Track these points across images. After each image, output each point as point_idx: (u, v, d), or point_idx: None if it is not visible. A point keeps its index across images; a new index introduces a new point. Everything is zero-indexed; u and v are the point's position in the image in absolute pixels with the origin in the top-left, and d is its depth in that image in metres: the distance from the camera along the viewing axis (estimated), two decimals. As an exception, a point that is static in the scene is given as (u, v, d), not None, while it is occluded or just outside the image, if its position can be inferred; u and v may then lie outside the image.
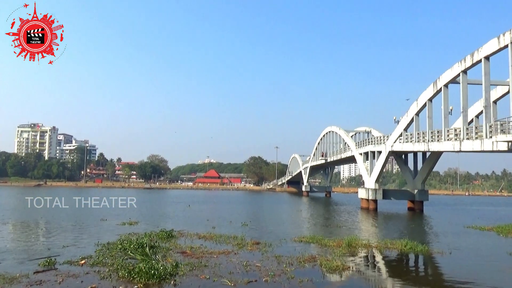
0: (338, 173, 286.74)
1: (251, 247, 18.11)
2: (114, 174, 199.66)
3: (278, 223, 30.54)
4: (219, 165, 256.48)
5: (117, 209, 39.02)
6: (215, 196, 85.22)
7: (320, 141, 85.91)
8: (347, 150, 63.54)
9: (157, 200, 61.51)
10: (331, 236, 22.33)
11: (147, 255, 14.84)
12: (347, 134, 65.12)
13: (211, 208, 47.33)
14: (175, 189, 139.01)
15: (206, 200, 68.76)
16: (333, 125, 74.29)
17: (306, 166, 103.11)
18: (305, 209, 49.51)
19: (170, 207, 46.36)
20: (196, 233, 22.41)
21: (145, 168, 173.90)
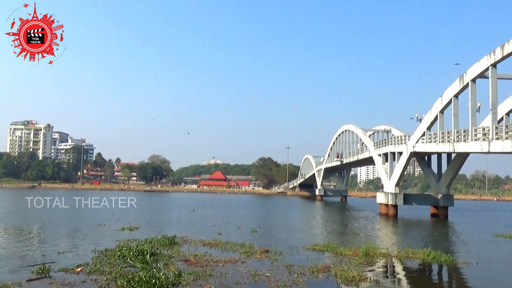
0: (355, 176, 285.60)
1: (260, 255, 18.12)
2: (112, 176, 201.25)
3: (289, 230, 30.52)
4: (226, 166, 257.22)
5: (117, 214, 39.34)
6: (221, 200, 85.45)
7: (335, 141, 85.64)
8: (364, 151, 63.26)
9: (158, 204, 61.90)
10: (347, 244, 22.24)
11: (147, 263, 14.92)
12: (364, 133, 64.82)
13: (217, 213, 47.49)
14: (178, 192, 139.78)
15: (212, 204, 68.99)
16: (349, 123, 74.06)
17: (320, 168, 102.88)
18: (318, 215, 49.45)
19: (172, 212, 46.60)
20: (200, 239, 22.50)
21: (145, 169, 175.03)
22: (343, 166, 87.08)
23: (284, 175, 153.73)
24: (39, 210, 37.37)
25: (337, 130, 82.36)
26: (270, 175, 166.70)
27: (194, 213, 44.86)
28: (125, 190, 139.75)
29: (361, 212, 57.76)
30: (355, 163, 79.43)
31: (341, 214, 53.19)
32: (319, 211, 57.95)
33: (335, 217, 47.66)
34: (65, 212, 42.24)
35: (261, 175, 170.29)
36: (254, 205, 69.52)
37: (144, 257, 15.61)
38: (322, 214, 52.81)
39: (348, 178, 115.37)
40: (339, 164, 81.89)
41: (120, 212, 41.89)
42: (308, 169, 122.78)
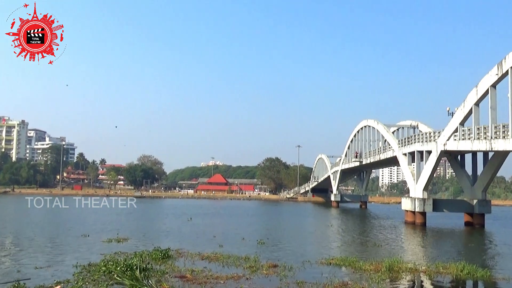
0: (376, 179, 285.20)
1: (267, 270, 18.16)
2: (96, 179, 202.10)
3: (300, 241, 30.54)
4: (227, 168, 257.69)
5: (102, 223, 39.56)
6: (222, 207, 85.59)
7: (353, 139, 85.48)
8: (387, 150, 63.13)
9: (150, 212, 62.05)
10: (367, 258, 22.22)
11: (137, 279, 14.97)
12: (387, 130, 64.67)
13: (218, 222, 47.62)
14: (172, 198, 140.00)
15: (212, 212, 69.11)
16: (369, 118, 73.97)
17: (336, 170, 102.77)
18: (334, 224, 49.45)
19: (166, 221, 46.72)
20: (198, 252, 22.57)
21: (134, 172, 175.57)
22: (362, 167, 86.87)
23: (294, 178, 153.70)
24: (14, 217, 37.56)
25: (356, 126, 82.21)
26: (278, 178, 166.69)
27: (191, 222, 44.94)
28: (110, 195, 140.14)
29: (383, 220, 57.65)
30: (377, 164, 79.16)
31: (360, 223, 53.12)
32: (335, 220, 57.93)
33: (354, 226, 47.62)
34: (44, 219, 42.54)
35: (268, 178, 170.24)
36: (260, 213, 69.59)
37: (133, 273, 15.64)
38: (339, 223, 52.80)
39: (369, 181, 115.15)
40: (357, 165, 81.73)
41: (107, 221, 42.08)
42: (322, 171, 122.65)
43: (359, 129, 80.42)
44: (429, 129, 54.10)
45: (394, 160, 61.17)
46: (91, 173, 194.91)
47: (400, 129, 68.16)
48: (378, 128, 68.11)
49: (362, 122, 77.73)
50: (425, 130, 55.94)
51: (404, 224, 49.16)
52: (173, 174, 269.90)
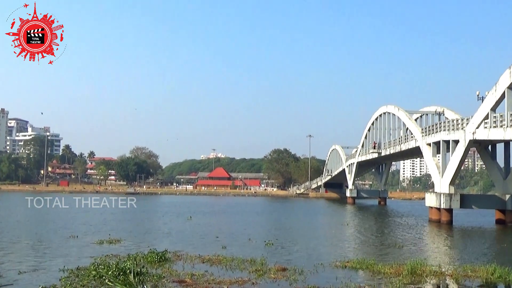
0: (397, 172, 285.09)
1: (275, 274, 18.21)
2: (85, 174, 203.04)
3: (312, 242, 30.59)
4: (230, 161, 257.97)
5: (93, 222, 39.76)
6: (225, 204, 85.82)
7: (371, 127, 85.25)
8: (409, 139, 62.95)
9: (145, 210, 62.24)
10: (387, 260, 22.26)
11: (131, 284, 15.04)
12: (409, 117, 64.46)
13: (220, 221, 47.86)
14: (170, 194, 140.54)
15: (213, 209, 69.38)
16: (389, 104, 73.65)
17: (352, 162, 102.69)
18: (350, 223, 49.49)
19: (163, 220, 46.92)
20: (198, 255, 22.66)
21: (127, 166, 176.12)
22: (381, 159, 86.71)
23: (305, 172, 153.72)
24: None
25: (374, 113, 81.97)
26: (287, 171, 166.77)
27: (191, 222, 45.12)
28: (100, 192, 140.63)
29: (405, 218, 57.68)
30: (397, 156, 78.96)
31: (379, 221, 53.16)
32: (351, 218, 57.97)
33: (372, 225, 47.66)
34: (31, 219, 42.85)
35: (276, 171, 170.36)
36: (267, 211, 69.73)
37: (126, 278, 15.72)
38: (355, 221, 52.84)
39: (388, 175, 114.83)
40: (376, 157, 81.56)
41: (98, 220, 42.27)
42: (336, 164, 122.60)
43: (377, 117, 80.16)
44: (457, 116, 53.85)
45: (417, 151, 61.00)
46: (79, 167, 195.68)
47: (423, 116, 67.89)
48: (398, 115, 67.85)
49: (381, 109, 77.46)
50: (451, 117, 55.68)
51: (428, 222, 49.13)
52: (170, 168, 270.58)
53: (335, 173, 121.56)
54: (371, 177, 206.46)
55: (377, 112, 79.81)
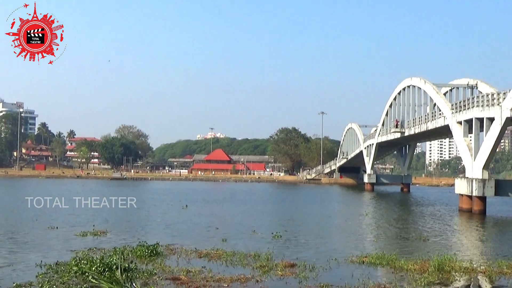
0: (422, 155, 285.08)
1: (283, 271, 18.28)
2: (64, 157, 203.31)
3: (325, 235, 30.73)
4: (230, 142, 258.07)
5: (75, 211, 39.88)
6: (225, 191, 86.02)
7: (393, 103, 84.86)
8: (437, 117, 62.64)
9: (133, 198, 62.36)
10: (410, 255, 22.31)
11: (118, 282, 15.11)
12: (437, 91, 64.09)
13: (220, 211, 48.00)
14: (161, 179, 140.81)
15: (212, 197, 69.46)
16: (414, 76, 73.22)
17: (371, 144, 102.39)
18: (369, 212, 49.53)
19: (154, 209, 46.99)
20: (195, 248, 22.78)
21: (112, 147, 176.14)
22: (404, 140, 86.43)
23: (316, 155, 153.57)
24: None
25: (396, 87, 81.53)
26: (295, 154, 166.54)
27: (187, 211, 45.29)
28: (82, 177, 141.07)
29: (431, 207, 57.70)
30: (423, 136, 78.73)
31: (401, 211, 53.19)
32: (369, 207, 58.05)
33: (393, 215, 47.67)
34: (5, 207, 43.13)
35: (283, 154, 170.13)
36: (274, 199, 69.82)
37: (113, 274, 15.79)
38: (374, 211, 52.93)
39: (412, 158, 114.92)
40: (398, 137, 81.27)
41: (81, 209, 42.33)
42: (352, 145, 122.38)
43: (400, 91, 79.71)
44: (492, 90, 53.45)
45: (446, 130, 60.77)
46: (57, 149, 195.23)
47: (453, 90, 67.49)
48: (425, 88, 67.45)
49: (405, 81, 76.98)
50: (486, 90, 55.28)
51: (457, 212, 49.18)
52: (161, 149, 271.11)
53: (351, 155, 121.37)
54: (393, 160, 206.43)
55: (400, 86, 79.32)
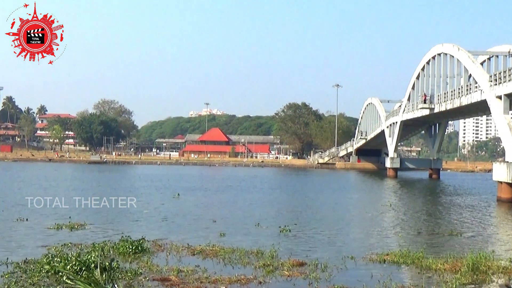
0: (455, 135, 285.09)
1: (290, 271, 18.33)
2: (34, 136, 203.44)
3: (340, 228, 30.76)
4: (229, 119, 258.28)
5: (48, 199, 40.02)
6: (223, 177, 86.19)
7: (420, 74, 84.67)
8: (472, 91, 62.51)
9: (114, 185, 62.55)
10: (440, 252, 22.37)
11: (96, 283, 15.13)
12: (473, 60, 63.82)
13: (218, 200, 48.12)
14: (148, 163, 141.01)
15: (208, 184, 69.67)
16: (445, 42, 72.91)
17: (394, 122, 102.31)
18: (392, 203, 49.52)
19: (140, 198, 47.04)
20: (187, 244, 22.81)
21: (90, 125, 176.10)
22: (434, 117, 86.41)
23: (330, 135, 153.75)
24: None
25: (425, 55, 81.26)
26: (305, 134, 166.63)
27: (179, 200, 45.45)
28: (55, 160, 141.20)
29: (465, 196, 57.79)
30: (456, 112, 78.66)
31: (429, 201, 53.26)
32: (392, 196, 58.07)
33: (419, 205, 47.76)
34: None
35: (291, 134, 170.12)
36: (281, 187, 69.71)
37: (91, 274, 15.82)
38: (397, 200, 52.93)
39: (443, 138, 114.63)
40: (427, 114, 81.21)
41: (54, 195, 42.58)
42: (372, 124, 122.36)
43: (429, 60, 79.53)
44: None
45: (483, 106, 60.63)
46: (26, 127, 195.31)
47: (492, 59, 67.13)
48: (458, 56, 67.22)
49: (435, 49, 76.72)
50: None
51: (496, 203, 49.21)
52: (147, 128, 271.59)
53: (371, 136, 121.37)
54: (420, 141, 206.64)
55: (429, 54, 79.08)
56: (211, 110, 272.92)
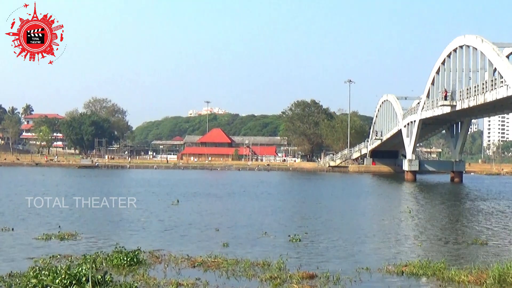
0: (479, 135, 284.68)
1: (299, 284, 18.33)
2: (19, 139, 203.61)
3: (355, 237, 30.74)
4: (231, 119, 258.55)
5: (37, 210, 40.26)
6: (226, 182, 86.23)
7: (440, 68, 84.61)
8: (497, 86, 62.42)
9: (108, 191, 62.61)
10: (463, 263, 22.34)
11: (89, 299, 15.18)
12: (498, 52, 63.77)
13: (220, 207, 48.23)
14: (143, 167, 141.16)
15: (209, 189, 69.57)
16: (468, 34, 72.84)
17: (412, 120, 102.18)
18: (412, 209, 49.44)
19: (136, 205, 46.99)
20: (187, 256, 22.82)
21: (80, 126, 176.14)
22: (456, 115, 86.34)
23: (342, 135, 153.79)
24: None
25: (445, 48, 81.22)
26: (315, 134, 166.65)
27: (178, 207, 45.54)
28: (43, 165, 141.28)
29: (490, 202, 57.68)
30: (480, 110, 78.61)
31: (452, 207, 53.17)
32: (411, 202, 57.92)
33: (441, 212, 47.68)
34: None
35: (299, 134, 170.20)
36: (289, 192, 69.74)
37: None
38: (417, 207, 52.75)
39: (466, 138, 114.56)
40: (448, 111, 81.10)
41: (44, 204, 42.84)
42: (388, 123, 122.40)
43: (450, 52, 79.52)
44: None
45: (509, 102, 60.65)
46: (10, 129, 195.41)
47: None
48: (482, 49, 67.19)
49: (457, 41, 76.73)
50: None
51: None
52: (143, 129, 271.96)
53: (387, 136, 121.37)
54: (440, 142, 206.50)
55: (451, 46, 79.07)
56: (212, 109, 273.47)
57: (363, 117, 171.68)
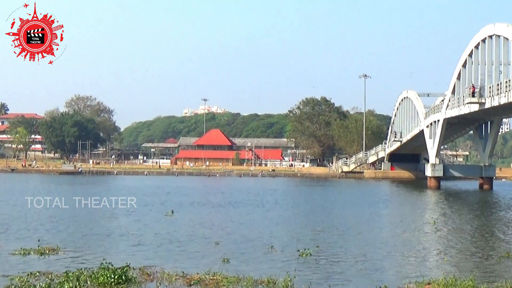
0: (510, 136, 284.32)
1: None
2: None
3: (372, 251, 30.78)
4: (232, 119, 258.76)
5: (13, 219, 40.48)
6: (226, 190, 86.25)
7: (467, 61, 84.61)
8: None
9: (93, 201, 62.66)
10: (493, 279, 22.40)
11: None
12: (533, 42, 63.85)
13: (220, 218, 48.22)
14: (133, 173, 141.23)
15: (207, 198, 69.54)
16: (498, 22, 72.85)
17: (436, 120, 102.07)
18: (436, 219, 49.49)
19: (126, 217, 47.17)
20: (182, 272, 22.86)
21: (61, 128, 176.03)
22: (484, 114, 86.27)
23: (357, 137, 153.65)
24: None
25: (472, 38, 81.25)
26: (327, 135, 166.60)
27: (172, 218, 45.61)
28: (19, 171, 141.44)
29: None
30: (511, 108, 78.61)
31: (481, 217, 53.17)
32: (435, 212, 58.05)
33: (469, 222, 47.68)
34: None
35: (308, 136, 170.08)
36: (298, 201, 69.85)
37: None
38: (442, 217, 52.82)
39: (496, 140, 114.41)
40: (476, 109, 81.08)
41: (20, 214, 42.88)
42: (408, 123, 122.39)
43: (478, 43, 79.46)
44: None
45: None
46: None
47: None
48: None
49: (485, 30, 76.71)
50: None
51: None
52: (132, 130, 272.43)
53: (408, 137, 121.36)
54: (467, 144, 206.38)
55: (479, 36, 79.03)
56: (210, 107, 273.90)
57: (380, 117, 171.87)
